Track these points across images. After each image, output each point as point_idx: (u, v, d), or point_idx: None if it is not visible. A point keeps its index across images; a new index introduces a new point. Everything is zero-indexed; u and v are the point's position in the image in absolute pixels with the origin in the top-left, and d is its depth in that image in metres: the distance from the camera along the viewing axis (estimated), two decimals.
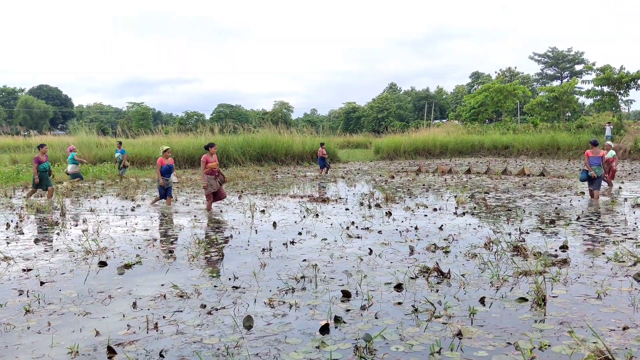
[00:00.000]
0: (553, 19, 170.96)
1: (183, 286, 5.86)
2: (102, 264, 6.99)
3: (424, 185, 17.82)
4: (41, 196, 15.11)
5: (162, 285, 5.98)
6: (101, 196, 15.37)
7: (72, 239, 8.82)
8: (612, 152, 16.61)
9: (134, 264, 6.97)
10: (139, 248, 8.07)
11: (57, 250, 8.02)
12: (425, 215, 10.88)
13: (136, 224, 10.36)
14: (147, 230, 9.66)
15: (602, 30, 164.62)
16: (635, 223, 9.65)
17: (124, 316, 4.95)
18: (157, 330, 4.57)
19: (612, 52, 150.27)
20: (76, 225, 10.24)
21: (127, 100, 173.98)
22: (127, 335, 4.47)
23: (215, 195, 12.23)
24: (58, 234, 9.45)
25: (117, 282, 6.16)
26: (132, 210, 12.32)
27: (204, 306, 5.18)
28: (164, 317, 4.91)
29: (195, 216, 11.29)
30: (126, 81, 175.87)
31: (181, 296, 5.54)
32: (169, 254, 7.60)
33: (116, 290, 5.84)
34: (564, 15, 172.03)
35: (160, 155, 13.16)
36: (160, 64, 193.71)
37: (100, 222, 10.58)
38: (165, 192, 12.93)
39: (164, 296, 5.54)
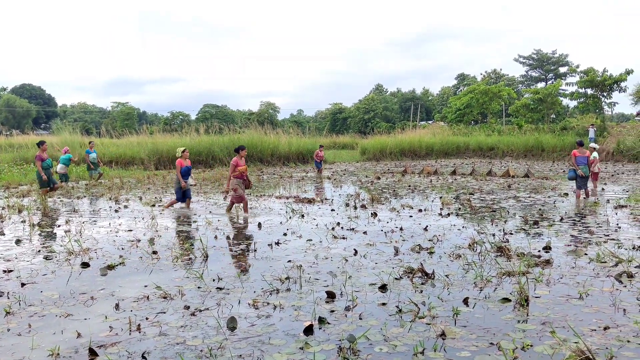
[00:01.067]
0: (538, 21, 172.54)
1: (166, 287, 5.82)
2: (85, 265, 6.92)
3: (409, 186, 17.87)
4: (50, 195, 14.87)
5: (146, 286, 5.94)
6: (85, 197, 15.22)
7: (54, 240, 8.72)
8: (594, 154, 16.89)
9: (117, 265, 6.91)
10: (123, 249, 8.01)
11: (39, 251, 7.92)
12: (411, 216, 10.92)
13: (120, 224, 10.27)
14: (131, 231, 9.58)
15: (586, 32, 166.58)
16: (617, 224, 9.75)
17: (106, 317, 4.91)
18: (139, 332, 4.53)
19: (595, 55, 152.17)
20: (59, 226, 10.13)
21: (112, 100, 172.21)
22: (109, 337, 4.43)
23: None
24: (40, 234, 9.34)
25: (100, 284, 6.10)
26: (116, 211, 12.21)
27: (187, 307, 5.14)
28: (146, 318, 4.87)
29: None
30: (111, 81, 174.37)
31: (164, 297, 5.50)
32: (153, 255, 7.54)
33: (99, 291, 5.79)
34: (549, 17, 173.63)
35: (179, 157, 12.68)
36: (146, 64, 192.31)
37: (83, 222, 10.48)
38: (183, 195, 12.47)
39: (147, 297, 5.49)
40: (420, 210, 11.72)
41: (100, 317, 4.92)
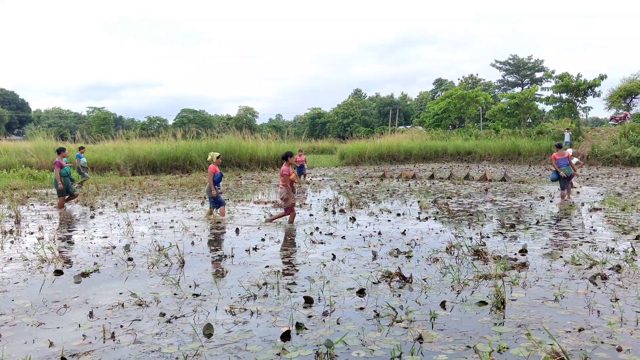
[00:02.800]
0: (514, 27, 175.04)
1: (142, 294, 5.73)
2: (58, 272, 6.78)
3: (388, 190, 17.94)
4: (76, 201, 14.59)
5: (121, 293, 5.84)
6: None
7: (26, 247, 8.55)
8: (575, 159, 17.44)
9: (91, 272, 6.79)
10: (97, 256, 7.88)
11: (11, 259, 7.74)
12: (389, 221, 10.94)
13: (95, 231, 10.11)
14: (106, 237, 9.44)
15: (561, 38, 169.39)
16: (592, 227, 9.89)
17: (79, 326, 4.81)
18: (113, 340, 4.45)
19: (570, 60, 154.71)
20: (32, 233, 9.93)
21: (87, 104, 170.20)
22: (82, 346, 4.34)
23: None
24: (12, 242, 9.14)
25: (74, 291, 5.99)
26: (92, 217, 12.03)
27: (163, 314, 5.07)
28: (121, 326, 4.79)
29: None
30: (87, 85, 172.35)
31: (140, 305, 5.42)
32: (128, 262, 7.43)
33: (72, 299, 5.68)
34: (525, 24, 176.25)
35: (212, 162, 11.90)
36: (122, 68, 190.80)
37: (57, 229, 10.29)
38: (218, 202, 11.76)
39: (122, 305, 5.40)
40: (398, 215, 11.76)
41: (74, 326, 4.82)
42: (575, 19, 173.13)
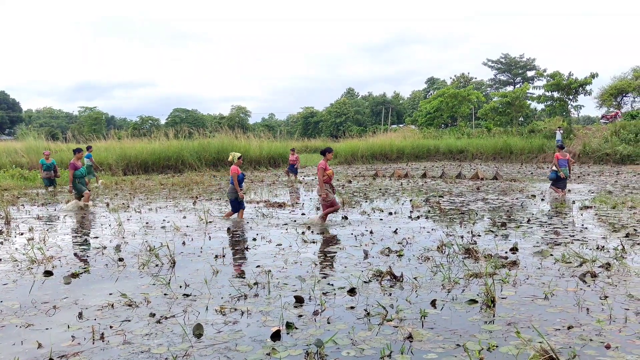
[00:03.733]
0: (506, 26, 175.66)
1: (132, 295, 5.71)
2: (48, 273, 6.74)
3: (380, 189, 17.95)
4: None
5: (110, 294, 5.81)
6: (50, 203, 14.89)
7: (16, 248, 8.49)
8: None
9: (81, 273, 6.76)
10: (88, 256, 7.83)
11: (0, 260, 7.69)
12: (381, 219, 10.96)
13: (83, 232, 10.06)
14: (97, 237, 9.40)
15: (552, 37, 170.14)
16: (583, 225, 9.94)
17: (68, 327, 4.78)
18: (103, 341, 4.42)
19: (561, 59, 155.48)
20: (22, 234, 9.86)
21: (78, 104, 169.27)
22: (71, 347, 4.32)
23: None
24: (1, 243, 9.07)
25: (63, 292, 5.95)
26: (82, 218, 11.97)
27: (153, 315, 5.05)
28: (111, 327, 4.77)
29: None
30: (78, 85, 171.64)
31: (130, 305, 5.39)
32: (119, 262, 7.40)
33: (62, 300, 5.64)
34: (516, 22, 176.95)
35: (234, 163, 11.56)
36: (114, 68, 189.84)
37: (47, 230, 10.24)
38: (239, 205, 11.41)
39: (112, 305, 5.38)
40: (390, 213, 11.77)
41: (63, 327, 4.79)
42: (566, 17, 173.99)
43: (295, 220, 11.09)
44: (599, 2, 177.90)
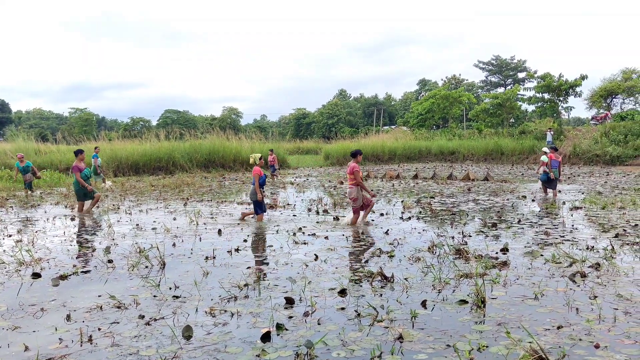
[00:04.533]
0: (498, 28, 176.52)
1: (121, 297, 5.66)
2: (36, 275, 6.68)
3: (372, 190, 17.94)
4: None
5: (99, 296, 5.77)
6: (39, 205, 14.78)
7: (4, 250, 8.41)
8: (543, 157, 17.97)
9: (70, 275, 6.70)
10: (77, 258, 7.78)
11: None
12: (372, 220, 10.95)
13: (75, 233, 9.99)
14: (87, 239, 9.33)
15: (543, 39, 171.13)
16: (573, 225, 9.98)
17: (56, 329, 4.73)
18: (91, 343, 4.38)
19: (552, 60, 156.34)
20: (10, 236, 9.77)
21: (69, 105, 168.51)
22: (59, 350, 4.27)
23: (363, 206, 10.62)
24: None
25: (51, 294, 5.90)
26: (72, 219, 11.88)
27: (142, 317, 5.01)
28: (99, 329, 4.73)
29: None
30: (69, 86, 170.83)
31: (119, 307, 5.35)
32: (108, 264, 7.34)
33: (50, 302, 5.59)
34: (508, 24, 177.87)
35: (256, 164, 11.31)
36: (105, 69, 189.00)
37: (36, 232, 10.15)
38: (261, 207, 11.18)
39: (101, 307, 5.33)
40: (382, 214, 11.77)
41: (50, 329, 4.75)
42: (556, 18, 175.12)
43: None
44: (589, 3, 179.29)
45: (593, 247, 7.82)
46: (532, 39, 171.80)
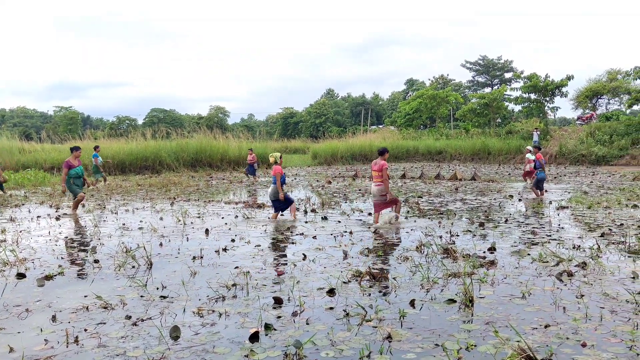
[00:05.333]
0: (484, 28, 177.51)
1: (108, 297, 5.61)
2: (21, 275, 6.60)
3: (360, 190, 17.99)
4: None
5: (85, 296, 5.71)
6: (23, 204, 14.61)
7: None
8: (528, 155, 18.50)
9: (55, 275, 6.63)
10: (62, 258, 7.69)
11: None
12: (360, 220, 10.96)
13: (60, 233, 9.89)
14: (72, 239, 9.23)
15: (529, 39, 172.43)
16: (560, 224, 10.06)
17: (41, 330, 4.67)
18: (77, 344, 4.33)
19: (538, 61, 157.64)
20: None
21: (54, 104, 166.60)
22: (44, 351, 4.22)
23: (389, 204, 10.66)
24: None
25: (36, 295, 5.82)
26: (57, 219, 11.76)
27: (129, 317, 4.96)
28: (85, 329, 4.67)
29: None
30: (53, 84, 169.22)
31: (105, 307, 5.29)
32: (94, 264, 7.27)
33: (34, 303, 5.52)
34: (495, 25, 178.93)
35: (277, 163, 11.36)
36: (90, 67, 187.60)
37: (20, 231, 10.03)
38: (281, 205, 11.24)
39: (87, 308, 5.27)
40: (370, 214, 11.77)
41: (35, 330, 4.68)
42: (542, 18, 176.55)
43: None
44: (574, 3, 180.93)
45: (579, 246, 7.88)
46: (518, 40, 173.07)
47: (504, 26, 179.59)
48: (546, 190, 16.36)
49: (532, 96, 40.12)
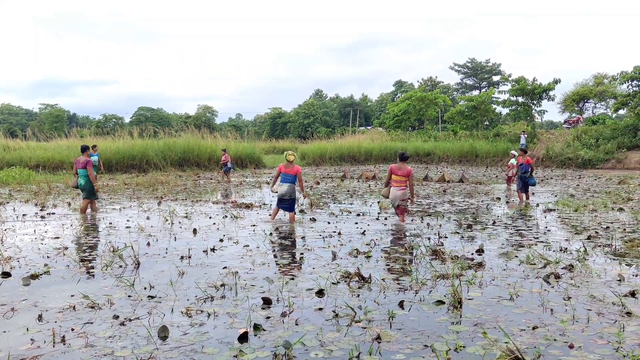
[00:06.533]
0: (473, 31, 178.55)
1: (95, 296, 5.55)
2: (6, 274, 6.51)
3: (348, 191, 18.00)
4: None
5: (72, 296, 5.65)
6: (8, 202, 14.45)
7: None
8: (512, 160, 18.68)
9: (41, 274, 6.55)
10: (48, 257, 7.61)
11: None
12: (351, 221, 10.96)
13: (46, 231, 9.79)
14: (58, 238, 9.15)
15: (518, 42, 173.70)
16: (547, 227, 10.13)
17: (27, 330, 4.62)
18: (64, 344, 4.29)
19: (525, 64, 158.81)
20: None
21: (39, 101, 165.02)
22: (30, 350, 4.17)
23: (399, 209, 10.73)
24: None
25: (22, 294, 5.76)
26: (43, 217, 11.64)
27: (116, 317, 4.92)
28: (72, 329, 4.62)
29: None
30: (38, 81, 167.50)
31: (92, 307, 5.24)
32: (81, 263, 7.20)
33: (20, 302, 5.45)
34: (483, 28, 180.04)
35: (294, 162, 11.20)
36: (76, 65, 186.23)
37: (5, 230, 9.92)
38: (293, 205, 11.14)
39: (74, 307, 5.22)
40: (358, 215, 11.79)
41: (21, 330, 4.63)
42: (532, 19, 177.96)
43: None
44: (564, 5, 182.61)
45: (566, 248, 7.95)
46: (507, 42, 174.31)
47: (493, 27, 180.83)
48: (533, 193, 16.48)
49: (520, 99, 40.44)
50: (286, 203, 10.97)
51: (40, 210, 12.85)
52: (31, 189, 18.45)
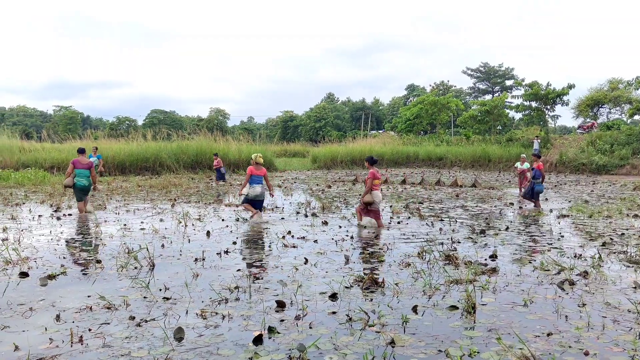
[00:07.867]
0: (486, 35, 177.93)
1: (111, 297, 5.62)
2: (23, 274, 6.60)
3: (360, 194, 17.98)
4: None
5: (89, 296, 5.72)
6: (24, 203, 14.62)
7: None
8: (527, 164, 18.54)
9: (58, 275, 6.63)
10: (64, 258, 7.70)
11: None
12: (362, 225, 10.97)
13: (62, 232, 9.90)
14: (74, 239, 9.24)
15: (531, 47, 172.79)
16: (560, 233, 10.08)
17: (46, 329, 4.68)
18: (82, 344, 4.34)
19: (539, 68, 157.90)
20: None
21: (52, 103, 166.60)
22: (49, 350, 4.23)
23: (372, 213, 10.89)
24: None
25: (40, 294, 5.84)
26: (58, 219, 11.76)
27: (132, 318, 4.98)
28: (89, 329, 4.68)
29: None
30: (51, 83, 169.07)
31: (109, 308, 5.31)
32: (97, 264, 7.28)
33: (38, 302, 5.53)
34: (496, 32, 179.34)
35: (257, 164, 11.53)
36: (89, 67, 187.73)
37: (22, 230, 10.04)
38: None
39: (90, 308, 5.28)
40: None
41: (40, 329, 4.69)
42: (545, 25, 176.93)
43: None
44: (576, 11, 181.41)
45: (581, 255, 7.91)
46: (520, 47, 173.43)
47: (505, 33, 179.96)
48: (546, 199, 16.38)
49: (533, 104, 40.26)
50: (260, 202, 11.67)
51: (55, 211, 12.98)
52: (46, 190, 18.66)
